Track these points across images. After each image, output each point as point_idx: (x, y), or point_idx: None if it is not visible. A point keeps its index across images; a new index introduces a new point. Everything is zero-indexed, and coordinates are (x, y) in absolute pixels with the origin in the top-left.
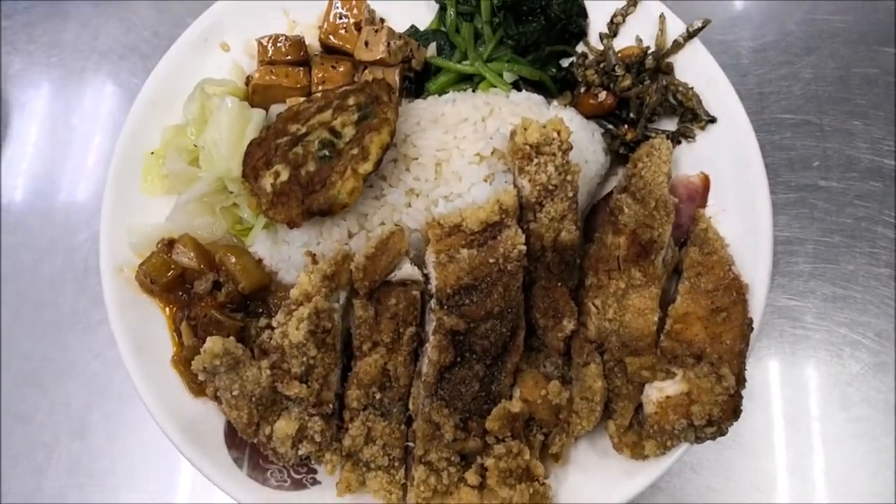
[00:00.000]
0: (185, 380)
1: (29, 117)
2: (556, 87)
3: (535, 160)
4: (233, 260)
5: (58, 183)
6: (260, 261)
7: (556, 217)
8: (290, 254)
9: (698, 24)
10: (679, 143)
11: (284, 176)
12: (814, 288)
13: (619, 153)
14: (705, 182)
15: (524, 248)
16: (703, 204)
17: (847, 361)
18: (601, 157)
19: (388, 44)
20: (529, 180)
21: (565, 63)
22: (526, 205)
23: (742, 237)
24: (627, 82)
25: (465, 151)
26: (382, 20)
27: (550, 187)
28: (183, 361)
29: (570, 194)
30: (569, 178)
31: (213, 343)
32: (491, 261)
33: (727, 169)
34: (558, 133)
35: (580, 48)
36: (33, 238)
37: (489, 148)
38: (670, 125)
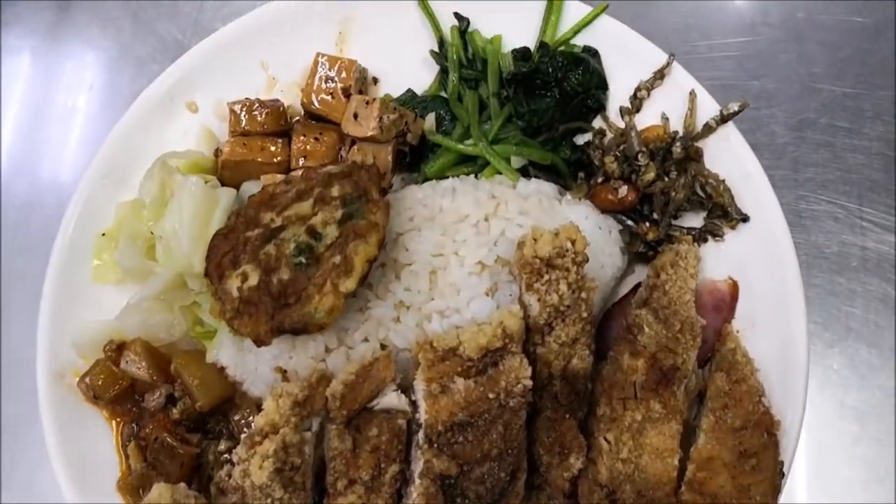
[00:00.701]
0: None
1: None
2: (570, 169)
3: (546, 276)
4: (190, 372)
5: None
6: (222, 369)
7: (568, 342)
8: (256, 365)
9: (734, 107)
10: (705, 240)
11: (253, 280)
12: (846, 413)
13: (639, 252)
14: (733, 290)
15: (530, 382)
16: (731, 316)
17: None
18: (618, 259)
19: (381, 119)
20: (538, 300)
21: (580, 139)
22: (533, 326)
23: (773, 360)
24: (651, 175)
25: (465, 259)
26: (375, 80)
27: (562, 308)
28: (130, 489)
29: (585, 315)
30: (583, 295)
31: (159, 492)
32: (490, 395)
33: (758, 276)
34: (573, 243)
35: (597, 122)
36: None
37: (492, 256)
38: (695, 220)
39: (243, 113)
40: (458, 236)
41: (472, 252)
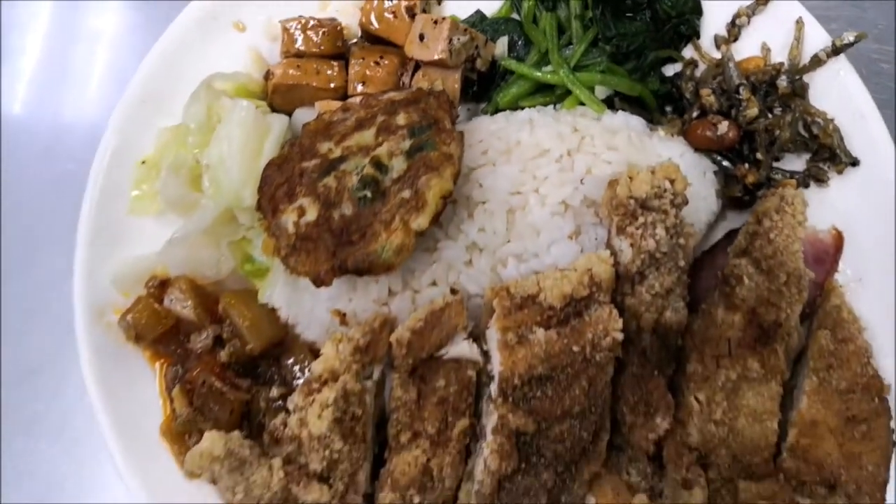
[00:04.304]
0: (176, 456)
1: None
2: (657, 103)
3: (641, 219)
4: (240, 313)
5: (56, 108)
6: (274, 310)
7: (661, 292)
8: (313, 307)
9: (849, 37)
10: (807, 186)
11: (312, 215)
12: None
13: (732, 197)
14: (838, 241)
15: (621, 335)
16: (833, 269)
17: None
18: (713, 204)
19: (451, 41)
20: (631, 244)
21: (669, 70)
22: (623, 274)
23: (882, 317)
24: (755, 111)
25: (547, 198)
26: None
27: (658, 255)
28: (174, 435)
29: (682, 263)
30: (681, 241)
31: (211, 442)
32: (575, 348)
33: (867, 227)
34: (672, 183)
35: (688, 51)
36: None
37: (578, 195)
38: (797, 162)
39: (297, 31)
40: (538, 172)
41: (555, 190)
